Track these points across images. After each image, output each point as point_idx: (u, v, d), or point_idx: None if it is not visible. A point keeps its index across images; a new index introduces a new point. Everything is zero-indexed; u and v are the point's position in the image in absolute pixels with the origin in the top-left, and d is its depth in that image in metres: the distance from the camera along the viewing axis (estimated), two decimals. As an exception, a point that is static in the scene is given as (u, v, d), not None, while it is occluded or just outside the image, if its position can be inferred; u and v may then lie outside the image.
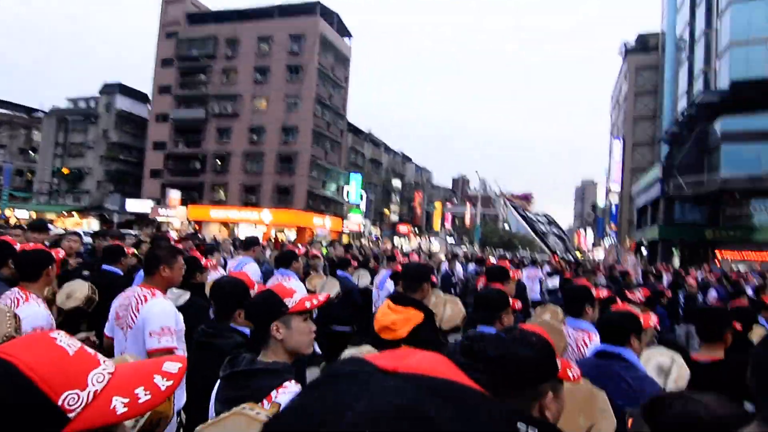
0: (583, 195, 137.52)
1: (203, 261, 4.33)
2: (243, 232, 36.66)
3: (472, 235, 48.59)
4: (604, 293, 3.87)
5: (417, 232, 61.19)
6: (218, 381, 1.83)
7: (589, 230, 78.67)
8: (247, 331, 2.40)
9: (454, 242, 54.63)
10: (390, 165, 57.40)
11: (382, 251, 13.78)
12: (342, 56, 45.54)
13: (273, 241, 18.39)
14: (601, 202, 65.92)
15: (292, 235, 37.60)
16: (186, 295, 3.60)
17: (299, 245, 13.52)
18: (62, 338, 0.71)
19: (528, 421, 1.16)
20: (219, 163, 42.21)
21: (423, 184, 68.11)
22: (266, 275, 5.88)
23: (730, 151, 30.01)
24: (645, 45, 52.26)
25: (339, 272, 6.58)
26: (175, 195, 39.83)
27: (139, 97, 48.81)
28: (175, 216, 38.90)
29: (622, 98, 55.84)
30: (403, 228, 57.70)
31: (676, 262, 32.10)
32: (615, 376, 2.22)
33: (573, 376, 1.31)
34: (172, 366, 0.75)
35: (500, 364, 1.17)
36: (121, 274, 4.62)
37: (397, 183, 56.12)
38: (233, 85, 42.19)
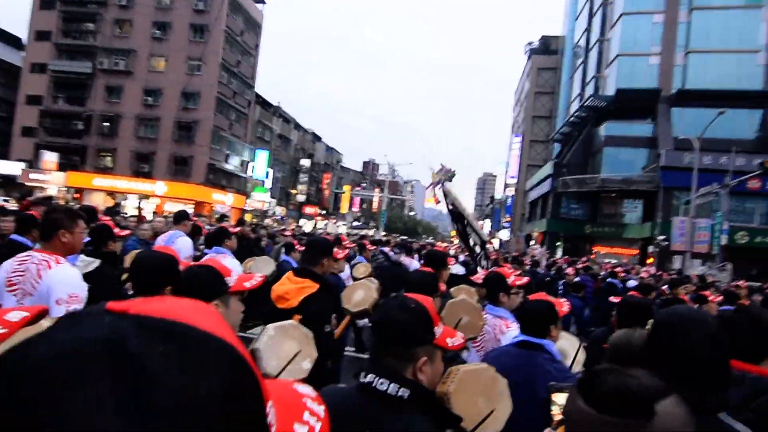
0: (484, 187, 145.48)
1: (116, 230, 4.26)
2: (131, 205, 33.65)
3: (379, 219, 49.09)
4: (524, 281, 3.90)
5: (324, 213, 60.56)
6: None
7: (488, 221, 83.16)
8: None
9: (358, 225, 54.85)
10: (299, 143, 55.93)
11: (280, 232, 13.04)
12: (253, 21, 43.06)
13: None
14: (499, 195, 69.79)
15: (189, 209, 35.21)
16: (95, 263, 3.43)
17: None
18: None
19: (400, 382, 1.27)
20: (107, 125, 38.10)
21: (333, 165, 67.39)
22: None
23: (610, 153, 33.07)
24: (547, 47, 55.67)
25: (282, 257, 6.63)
26: (50, 158, 35.39)
27: (11, 41, 42.46)
28: (51, 182, 34.64)
29: (524, 96, 59.21)
30: (309, 209, 56.74)
31: (560, 253, 34.89)
32: (539, 367, 2.24)
33: (451, 344, 1.38)
34: (15, 315, 0.68)
35: (381, 326, 1.33)
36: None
37: (306, 162, 54.83)
38: (127, 38, 38.11)
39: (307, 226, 53.63)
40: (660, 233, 24.59)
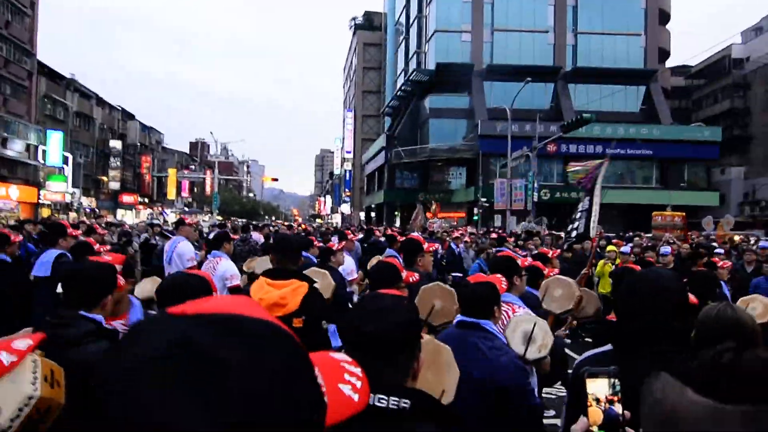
0: (323, 164, 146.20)
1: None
2: None
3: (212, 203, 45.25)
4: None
5: (146, 202, 53.81)
6: None
7: (329, 197, 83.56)
8: (100, 318, 2.06)
9: (188, 211, 50.00)
10: (106, 122, 48.19)
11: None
12: (24, -27, 34.96)
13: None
14: (337, 170, 70.30)
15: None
16: None
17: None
18: None
19: (401, 393, 1.10)
20: None
21: (152, 146, 59.99)
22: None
23: (435, 125, 35.07)
24: (371, 23, 56.68)
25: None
26: None
27: None
28: None
29: (353, 72, 59.79)
30: (127, 198, 49.77)
31: (398, 222, 36.27)
32: (471, 346, 2.20)
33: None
34: (22, 343, 0.68)
35: (379, 336, 1.19)
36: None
37: (116, 144, 47.52)
38: None
39: (127, 216, 47.08)
40: (482, 196, 26.84)
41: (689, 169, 33.24)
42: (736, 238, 14.31)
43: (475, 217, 26.94)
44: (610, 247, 8.67)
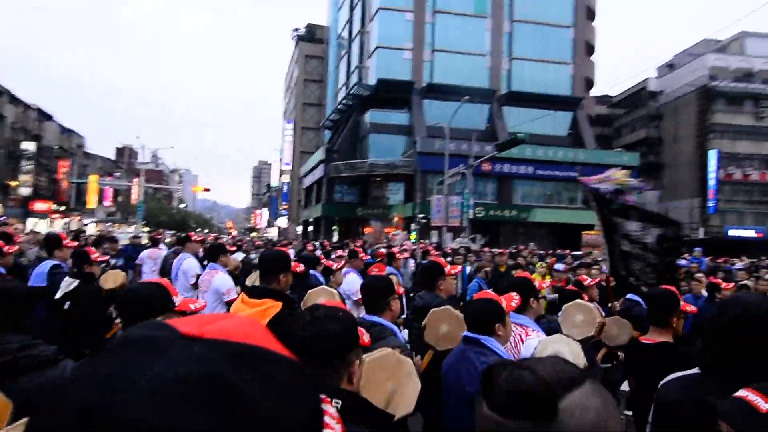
0: (260, 175, 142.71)
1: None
2: None
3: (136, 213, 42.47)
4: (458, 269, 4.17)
5: (62, 210, 49.67)
6: None
7: (265, 210, 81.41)
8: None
9: (109, 220, 46.66)
10: (19, 121, 44.25)
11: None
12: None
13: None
14: (275, 183, 68.72)
15: None
16: (75, 283, 3.91)
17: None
18: None
19: (332, 393, 1.14)
20: None
21: (72, 150, 55.75)
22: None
23: (375, 140, 35.16)
24: (313, 35, 56.41)
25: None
26: None
27: None
28: None
29: (294, 83, 59.08)
30: (40, 205, 45.66)
31: (336, 237, 35.77)
32: (467, 361, 2.24)
33: (365, 340, 1.52)
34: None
35: (314, 342, 1.28)
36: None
37: (29, 146, 43.65)
38: None
39: (39, 225, 43.11)
40: (420, 212, 27.04)
41: (611, 191, 35.41)
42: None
43: (413, 233, 27.08)
44: (538, 264, 8.86)
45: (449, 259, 9.68)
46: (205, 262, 5.30)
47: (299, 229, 50.02)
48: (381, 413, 1.35)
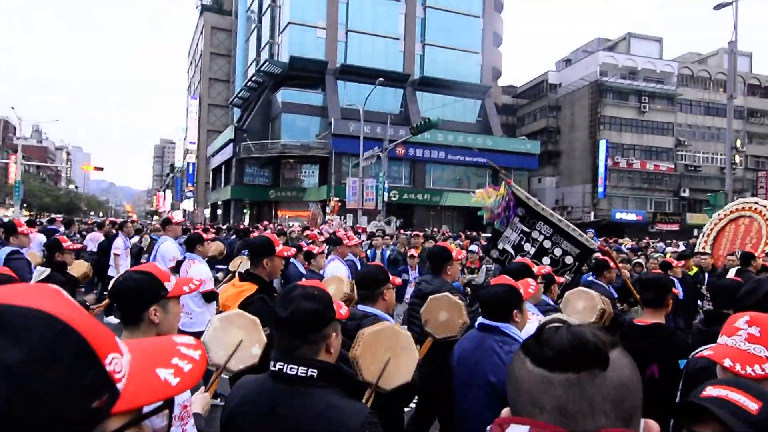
0: (163, 155, 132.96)
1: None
2: None
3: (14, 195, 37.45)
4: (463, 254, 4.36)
5: None
6: None
7: (169, 192, 76.24)
8: None
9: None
10: None
11: None
12: None
13: None
14: (179, 163, 64.42)
15: None
16: (47, 272, 3.89)
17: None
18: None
19: (306, 364, 1.44)
20: None
21: (-72, 122, 47.85)
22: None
23: (288, 120, 34.00)
24: (220, 6, 53.00)
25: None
26: None
27: None
28: None
29: (199, 57, 55.32)
30: None
31: (247, 220, 34.36)
32: (489, 349, 2.21)
33: (342, 314, 1.58)
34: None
35: (293, 319, 1.42)
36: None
37: None
38: None
39: None
40: (335, 195, 26.72)
41: (515, 176, 37.49)
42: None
43: (328, 216, 26.73)
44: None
45: (368, 242, 9.57)
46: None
47: (207, 212, 47.43)
48: (352, 380, 1.49)
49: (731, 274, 6.01)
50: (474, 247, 8.25)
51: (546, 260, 4.52)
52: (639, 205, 41.40)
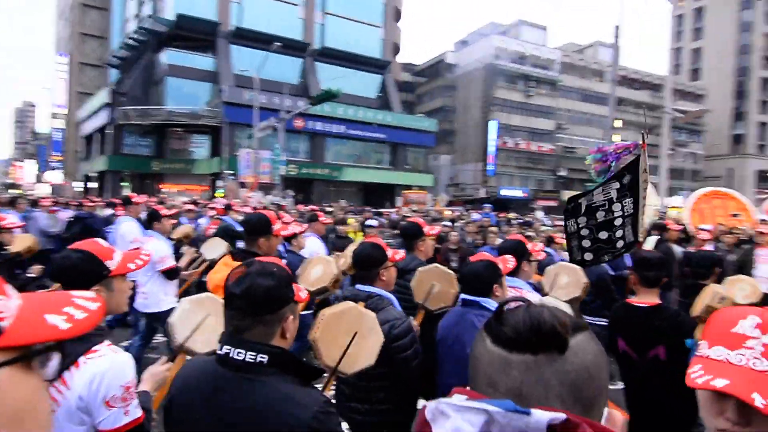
0: (24, 119, 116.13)
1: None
2: None
3: None
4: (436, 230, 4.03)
5: None
6: None
7: (32, 162, 66.88)
8: None
9: None
10: None
11: None
12: None
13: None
14: (44, 128, 56.60)
15: None
16: None
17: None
18: None
19: (255, 349, 1.30)
20: None
21: None
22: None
23: (174, 84, 31.05)
24: (92, -50, 46.61)
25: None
26: None
27: None
28: None
29: (69, 8, 48.46)
30: None
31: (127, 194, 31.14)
32: (468, 324, 2.26)
33: (302, 296, 1.47)
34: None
35: (247, 297, 1.30)
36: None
37: None
38: None
39: None
40: (228, 168, 25.08)
41: (412, 153, 38.27)
42: (447, 212, 16.78)
43: (220, 191, 25.10)
44: (350, 220, 8.80)
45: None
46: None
47: (78, 185, 42.29)
48: (308, 367, 1.35)
49: (649, 245, 6.37)
50: (373, 222, 8.04)
51: (603, 234, 3.98)
52: (523, 183, 44.60)
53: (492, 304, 2.28)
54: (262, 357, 1.26)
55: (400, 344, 2.22)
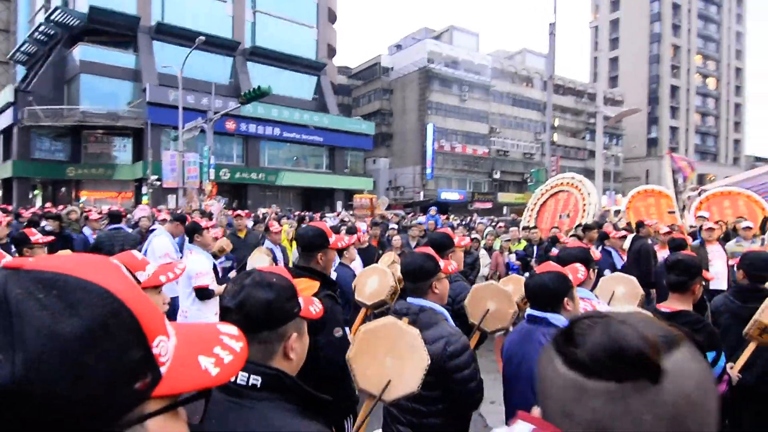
0: None
1: None
2: None
3: None
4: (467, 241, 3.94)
5: None
6: None
7: None
8: None
9: None
10: None
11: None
12: None
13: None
14: (-63, 131, 50.50)
15: None
16: None
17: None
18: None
19: (251, 370, 1.13)
20: None
21: None
22: None
23: (89, 83, 28.55)
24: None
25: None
26: None
27: None
28: None
29: (-37, -3, 43.52)
30: None
31: (39, 202, 28.31)
32: (535, 342, 2.11)
33: (314, 311, 1.31)
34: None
35: (242, 311, 1.17)
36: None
37: None
38: None
39: None
40: (153, 172, 23.34)
41: (351, 157, 37.77)
42: (390, 215, 16.45)
43: (145, 197, 23.26)
44: (285, 226, 8.31)
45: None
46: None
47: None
48: (313, 396, 1.16)
49: (627, 243, 6.33)
50: (398, 238, 7.56)
51: None
52: (460, 186, 45.38)
53: (561, 320, 2.09)
54: (254, 379, 1.11)
55: (457, 363, 2.02)
